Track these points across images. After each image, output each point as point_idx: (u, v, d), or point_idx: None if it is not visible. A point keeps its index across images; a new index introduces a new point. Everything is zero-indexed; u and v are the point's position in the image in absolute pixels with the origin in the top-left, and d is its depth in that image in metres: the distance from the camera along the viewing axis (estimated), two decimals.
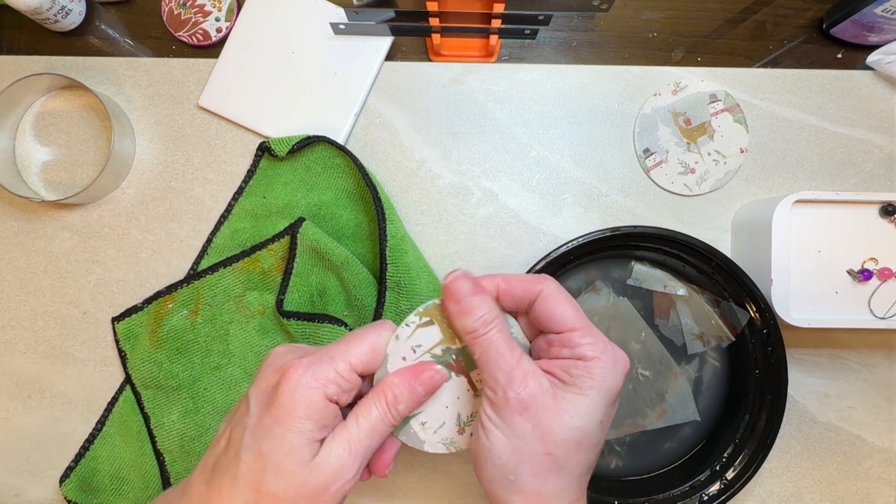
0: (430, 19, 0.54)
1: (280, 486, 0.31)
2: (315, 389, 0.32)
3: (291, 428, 0.32)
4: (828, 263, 0.52)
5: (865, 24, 0.55)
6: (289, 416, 0.32)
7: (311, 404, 0.32)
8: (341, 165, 0.56)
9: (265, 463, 0.31)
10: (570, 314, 0.35)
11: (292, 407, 0.32)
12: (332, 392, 0.33)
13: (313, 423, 0.32)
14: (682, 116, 0.58)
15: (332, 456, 0.32)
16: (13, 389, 0.57)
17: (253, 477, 0.32)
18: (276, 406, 0.32)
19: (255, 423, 0.33)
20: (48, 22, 0.57)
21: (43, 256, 0.58)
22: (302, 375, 0.32)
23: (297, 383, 0.32)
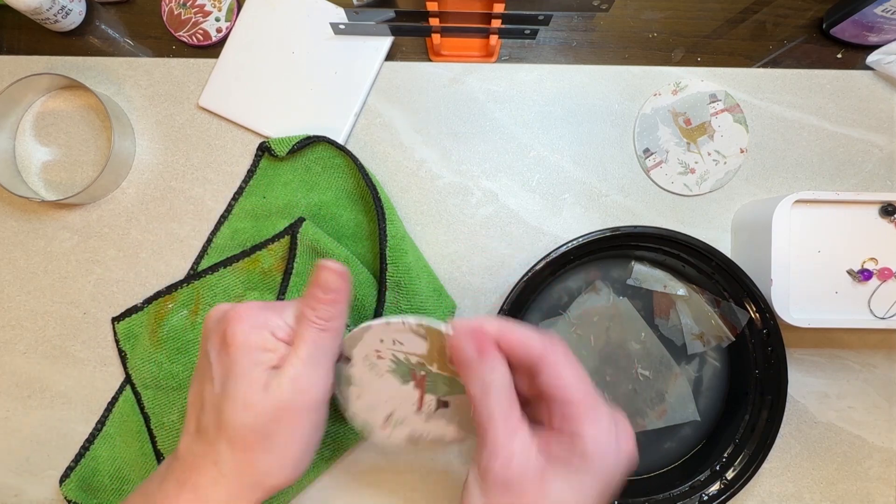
0: (430, 19, 0.54)
1: (251, 416, 0.33)
2: (263, 328, 0.34)
3: (251, 362, 0.33)
4: (828, 263, 0.52)
5: (865, 24, 0.55)
6: (244, 353, 0.34)
7: (263, 338, 0.34)
8: (341, 165, 0.56)
9: (234, 400, 0.33)
10: (573, 384, 0.34)
11: (246, 344, 0.34)
12: (283, 334, 0.35)
13: (266, 352, 0.34)
14: (682, 116, 0.58)
15: (286, 375, 0.34)
16: (13, 389, 0.57)
17: (229, 416, 0.33)
18: (230, 348, 0.34)
19: (218, 370, 0.34)
20: (48, 22, 0.57)
21: (43, 256, 0.58)
22: (249, 317, 0.34)
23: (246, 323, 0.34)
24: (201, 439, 0.34)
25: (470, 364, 0.34)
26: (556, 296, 0.54)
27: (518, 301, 0.50)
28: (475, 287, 0.57)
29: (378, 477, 0.56)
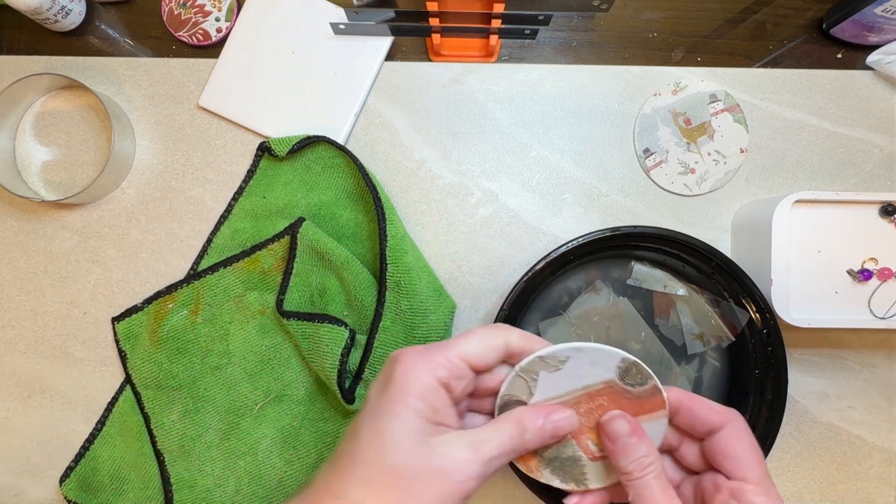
0: (430, 19, 0.54)
1: (398, 461, 0.31)
2: (426, 372, 0.33)
3: (406, 405, 0.32)
4: (828, 263, 0.52)
5: (865, 24, 0.55)
6: (402, 394, 0.32)
7: (424, 384, 0.33)
8: (341, 165, 0.56)
9: (383, 438, 0.32)
10: (751, 462, 0.33)
11: (405, 386, 0.32)
12: (443, 375, 0.33)
13: (425, 402, 0.32)
14: (682, 116, 0.58)
15: (455, 448, 0.32)
16: (13, 389, 0.57)
17: (373, 454, 0.32)
18: (390, 387, 0.33)
19: (372, 406, 0.33)
20: (48, 22, 0.57)
21: (43, 256, 0.58)
22: (414, 360, 0.33)
23: (408, 366, 0.33)
24: (336, 467, 0.33)
25: (618, 444, 0.34)
26: (556, 296, 0.54)
27: (518, 301, 0.50)
28: (475, 287, 0.57)
29: None
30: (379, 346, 0.51)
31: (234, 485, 0.54)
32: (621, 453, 0.34)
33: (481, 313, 0.57)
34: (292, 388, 0.55)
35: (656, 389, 0.36)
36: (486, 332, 0.35)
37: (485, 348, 0.34)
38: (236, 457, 0.54)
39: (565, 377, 0.36)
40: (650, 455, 0.34)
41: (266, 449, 0.54)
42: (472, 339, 0.34)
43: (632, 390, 0.36)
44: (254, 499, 0.54)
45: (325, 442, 0.54)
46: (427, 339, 0.52)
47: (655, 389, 0.36)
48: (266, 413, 0.55)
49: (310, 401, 0.55)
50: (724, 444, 0.34)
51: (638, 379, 0.36)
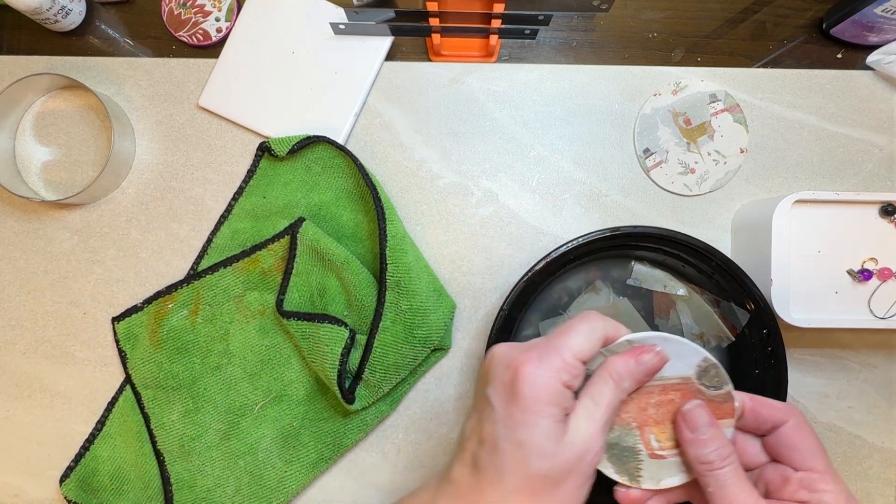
0: (430, 19, 0.54)
1: (546, 466, 0.34)
2: (552, 379, 0.35)
3: (542, 414, 0.34)
4: (828, 263, 0.52)
5: (865, 24, 0.55)
6: (536, 404, 0.34)
7: (552, 391, 0.34)
8: (341, 165, 0.56)
9: (527, 449, 0.34)
10: (817, 452, 0.35)
11: (536, 397, 0.34)
12: (566, 379, 0.35)
13: (557, 407, 0.34)
14: (682, 116, 0.58)
15: (580, 431, 0.34)
16: (13, 389, 0.57)
17: (519, 464, 0.34)
18: (519, 399, 0.34)
19: (504, 416, 0.35)
20: (48, 22, 0.57)
21: (43, 256, 0.58)
22: (536, 368, 0.35)
23: (533, 375, 0.35)
24: (479, 475, 0.35)
25: (698, 434, 0.36)
26: (556, 296, 0.54)
27: (518, 301, 0.50)
28: (475, 287, 0.57)
29: (378, 477, 0.56)
30: (379, 346, 0.51)
31: (234, 485, 0.54)
32: (701, 443, 0.35)
33: (481, 313, 0.57)
34: (292, 388, 0.55)
35: (729, 396, 0.37)
36: (586, 325, 0.37)
37: (592, 342, 0.36)
38: (236, 457, 0.54)
39: None
40: (728, 446, 0.35)
41: (266, 449, 0.54)
42: (579, 336, 0.36)
43: (706, 392, 0.37)
44: (254, 499, 0.54)
45: (324, 442, 0.54)
46: (427, 339, 0.52)
47: (728, 396, 0.37)
48: (266, 413, 0.55)
49: (310, 401, 0.55)
50: (789, 438, 0.36)
51: (714, 382, 0.37)
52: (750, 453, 0.38)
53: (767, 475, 0.37)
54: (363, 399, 0.52)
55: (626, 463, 0.37)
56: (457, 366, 0.57)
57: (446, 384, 0.56)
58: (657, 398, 0.37)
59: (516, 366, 0.35)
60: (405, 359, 0.52)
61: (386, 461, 0.56)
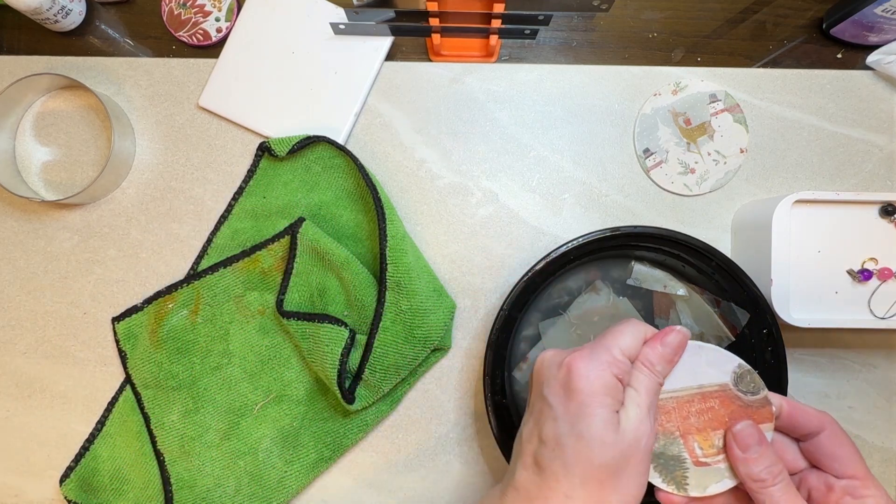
0: (430, 19, 0.54)
1: (609, 455, 0.35)
2: (605, 371, 0.36)
3: (598, 405, 0.36)
4: (828, 263, 0.52)
5: (865, 24, 0.55)
6: (592, 397, 0.36)
7: (606, 383, 0.36)
8: (341, 165, 0.56)
9: (589, 440, 0.35)
10: (856, 459, 0.37)
11: (592, 389, 0.36)
12: (616, 371, 0.37)
13: (611, 397, 0.36)
14: (682, 116, 0.58)
15: (632, 418, 0.36)
16: (13, 389, 0.57)
17: (582, 456, 0.35)
18: (576, 393, 0.36)
19: (563, 412, 0.36)
20: (48, 22, 0.57)
21: (43, 256, 0.58)
22: (589, 362, 0.37)
23: (586, 369, 0.36)
24: (544, 474, 0.36)
25: (749, 453, 0.37)
26: (556, 296, 0.54)
27: (518, 301, 0.50)
28: (475, 287, 0.57)
29: (378, 477, 0.56)
30: (379, 346, 0.51)
31: (234, 485, 0.54)
32: (753, 461, 0.37)
33: (481, 313, 0.57)
34: (292, 388, 0.55)
35: (766, 401, 0.38)
36: (631, 327, 0.39)
37: (637, 341, 0.38)
38: (236, 457, 0.54)
39: (683, 371, 0.39)
40: (779, 463, 0.37)
41: (266, 449, 0.54)
42: (626, 336, 0.38)
43: (743, 397, 0.38)
44: (254, 499, 0.54)
45: (324, 442, 0.54)
46: (427, 339, 0.52)
47: (766, 401, 0.38)
48: (266, 413, 0.55)
49: (310, 401, 0.55)
50: (827, 447, 0.38)
51: (751, 387, 0.38)
52: (789, 458, 0.40)
53: (811, 482, 0.39)
54: (363, 399, 0.52)
55: (673, 472, 0.39)
56: (457, 366, 0.57)
57: (446, 384, 0.56)
58: (698, 406, 0.39)
59: (569, 362, 0.37)
60: (405, 359, 0.52)
61: (386, 461, 0.56)
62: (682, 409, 0.39)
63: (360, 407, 0.52)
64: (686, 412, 0.39)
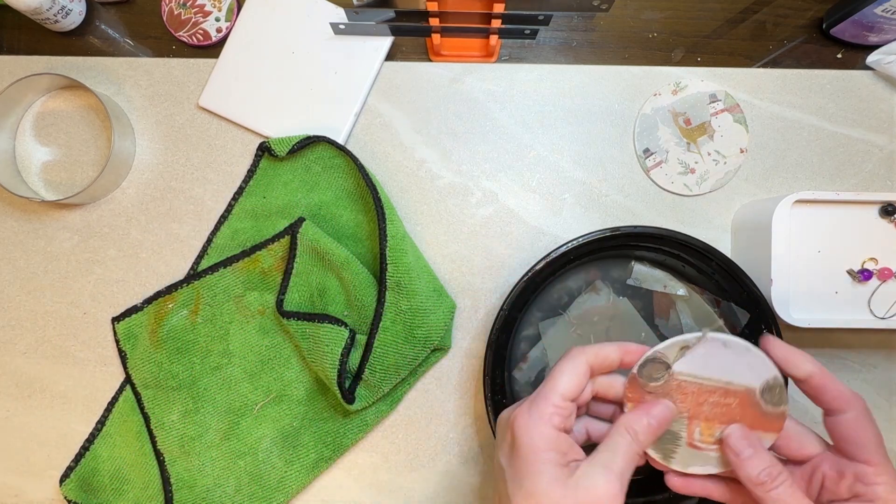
0: (430, 19, 0.54)
1: None
2: (545, 426, 0.36)
3: (541, 460, 0.35)
4: (828, 263, 0.52)
5: (865, 24, 0.55)
6: (534, 452, 0.35)
7: (547, 438, 0.36)
8: (341, 165, 0.56)
9: (537, 497, 0.35)
10: (874, 445, 0.36)
11: (533, 446, 0.36)
12: (557, 422, 0.36)
13: (555, 451, 0.36)
14: (682, 116, 0.58)
15: (594, 477, 0.35)
16: (13, 389, 0.57)
17: None
18: (519, 451, 0.36)
19: (511, 474, 0.36)
20: (48, 22, 0.57)
21: (43, 256, 0.58)
22: (528, 419, 0.36)
23: (526, 426, 0.36)
24: None
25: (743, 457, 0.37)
26: (556, 296, 0.54)
27: (518, 301, 0.50)
28: (475, 287, 0.57)
29: (378, 477, 0.56)
30: (379, 346, 0.51)
31: (234, 485, 0.54)
32: (749, 463, 0.36)
33: (481, 313, 0.57)
34: (292, 388, 0.55)
35: (783, 416, 0.38)
36: (568, 365, 0.38)
37: (578, 379, 0.38)
38: (236, 457, 0.54)
39: (720, 364, 0.38)
40: (777, 465, 0.36)
41: (266, 449, 0.54)
42: (563, 377, 0.37)
43: (763, 406, 0.38)
44: (254, 499, 0.54)
45: (324, 442, 0.54)
46: (427, 339, 0.52)
47: (782, 415, 0.38)
48: (266, 413, 0.55)
49: (310, 401, 0.55)
50: (849, 429, 0.37)
51: (775, 400, 0.38)
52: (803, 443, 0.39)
53: (824, 469, 0.38)
54: (363, 399, 0.52)
55: (665, 444, 0.39)
56: (457, 366, 0.57)
57: (446, 384, 0.56)
58: (716, 398, 0.38)
59: (511, 422, 0.37)
60: (405, 359, 0.52)
61: (386, 461, 0.56)
62: (700, 396, 0.39)
63: (360, 407, 0.52)
64: (703, 399, 0.38)
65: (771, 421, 0.38)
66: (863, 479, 0.36)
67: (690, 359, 0.38)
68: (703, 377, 0.38)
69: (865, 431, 0.36)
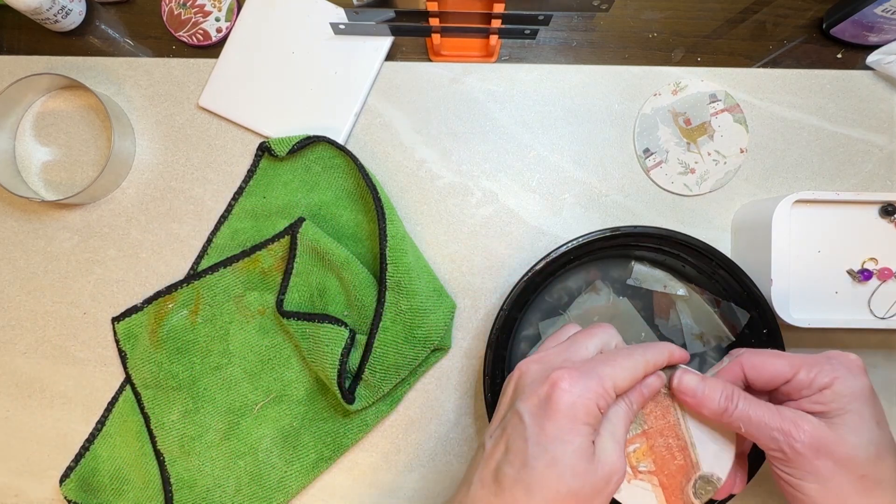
0: (430, 19, 0.54)
1: (578, 484, 0.34)
2: (591, 400, 0.35)
3: (578, 433, 0.34)
4: (828, 263, 0.52)
5: (865, 24, 0.55)
6: (573, 422, 0.34)
7: (589, 411, 0.35)
8: (341, 165, 0.56)
9: (561, 467, 0.34)
10: (781, 366, 0.38)
11: (574, 414, 0.34)
12: (602, 405, 0.36)
13: (591, 427, 0.35)
14: (682, 116, 0.58)
15: (607, 451, 0.35)
16: (13, 389, 0.57)
17: (549, 482, 0.34)
18: (556, 414, 0.34)
19: (537, 432, 0.35)
20: (48, 22, 0.57)
21: (43, 256, 0.58)
22: (576, 385, 0.35)
23: (573, 392, 0.35)
24: (502, 495, 0.35)
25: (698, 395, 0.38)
26: (556, 296, 0.54)
27: (518, 301, 0.50)
28: (475, 287, 0.57)
29: (378, 477, 0.56)
30: (379, 346, 0.51)
31: (234, 485, 0.54)
32: (705, 400, 0.37)
33: (481, 313, 0.57)
34: (292, 388, 0.55)
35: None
36: (631, 363, 0.37)
37: (633, 381, 0.37)
38: (236, 457, 0.54)
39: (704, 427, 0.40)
40: (727, 386, 0.38)
41: (266, 449, 0.54)
42: (624, 372, 0.37)
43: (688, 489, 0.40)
44: (254, 499, 0.54)
45: (324, 442, 0.54)
46: (427, 339, 0.52)
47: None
48: (266, 413, 0.55)
49: (310, 401, 0.55)
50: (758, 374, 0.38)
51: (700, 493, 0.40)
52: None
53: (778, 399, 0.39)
54: (363, 399, 0.52)
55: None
56: (457, 366, 0.57)
57: (446, 384, 0.56)
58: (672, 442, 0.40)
59: (555, 380, 0.35)
60: (405, 359, 0.52)
61: (386, 461, 0.56)
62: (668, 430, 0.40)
63: (360, 407, 0.52)
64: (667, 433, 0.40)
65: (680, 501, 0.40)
66: (803, 386, 0.37)
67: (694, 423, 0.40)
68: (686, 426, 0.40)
69: (766, 364, 0.38)
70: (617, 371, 0.36)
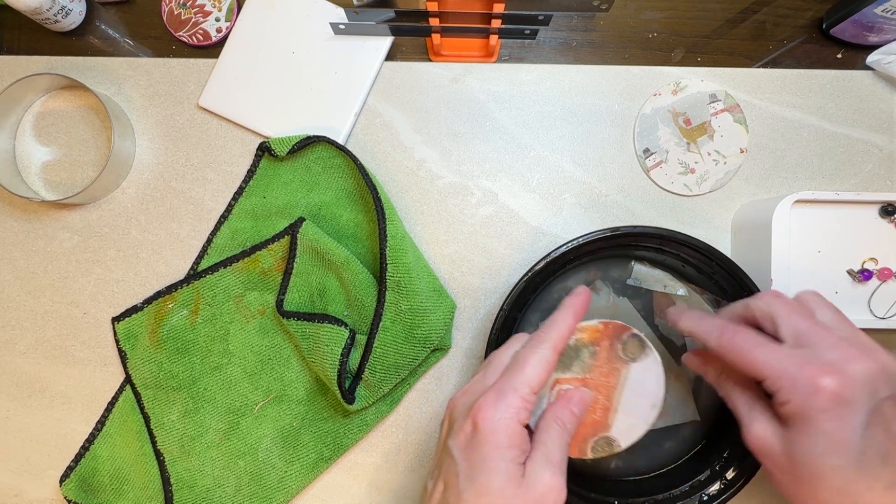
0: (430, 19, 0.54)
1: None
2: (511, 419, 0.35)
3: (502, 458, 0.35)
4: (828, 263, 0.52)
5: (865, 24, 0.55)
6: (496, 449, 0.35)
7: (511, 433, 0.35)
8: (341, 165, 0.56)
9: (492, 494, 0.34)
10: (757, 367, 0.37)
11: (496, 441, 0.35)
12: (524, 418, 0.36)
13: (516, 448, 0.35)
14: (682, 116, 0.58)
15: (538, 472, 0.35)
16: (13, 389, 0.57)
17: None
18: (480, 445, 0.35)
19: (466, 467, 0.35)
20: (48, 22, 0.57)
21: (43, 256, 0.58)
22: (495, 411, 0.35)
23: (492, 419, 0.35)
24: None
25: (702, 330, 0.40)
26: (556, 296, 0.54)
27: (518, 301, 0.50)
28: (475, 287, 0.57)
29: (378, 477, 0.56)
30: (379, 346, 0.51)
31: (234, 485, 0.54)
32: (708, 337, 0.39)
33: (481, 313, 0.57)
34: (292, 388, 0.55)
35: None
36: (536, 355, 0.37)
37: (545, 371, 0.38)
38: (236, 457, 0.54)
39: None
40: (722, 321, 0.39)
41: (266, 449, 0.54)
42: (534, 369, 0.37)
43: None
44: (254, 499, 0.54)
45: (324, 442, 0.54)
46: (427, 339, 0.52)
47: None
48: (266, 413, 0.55)
49: (310, 401, 0.55)
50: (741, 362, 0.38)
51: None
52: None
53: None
54: (363, 399, 0.52)
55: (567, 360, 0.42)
56: (457, 366, 0.57)
57: (446, 384, 0.56)
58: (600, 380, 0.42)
59: (475, 412, 0.36)
60: (405, 359, 0.52)
61: (386, 461, 0.56)
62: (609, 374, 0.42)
63: (360, 407, 0.52)
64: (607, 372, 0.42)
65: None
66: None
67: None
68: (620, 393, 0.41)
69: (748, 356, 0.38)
70: (528, 372, 0.37)
